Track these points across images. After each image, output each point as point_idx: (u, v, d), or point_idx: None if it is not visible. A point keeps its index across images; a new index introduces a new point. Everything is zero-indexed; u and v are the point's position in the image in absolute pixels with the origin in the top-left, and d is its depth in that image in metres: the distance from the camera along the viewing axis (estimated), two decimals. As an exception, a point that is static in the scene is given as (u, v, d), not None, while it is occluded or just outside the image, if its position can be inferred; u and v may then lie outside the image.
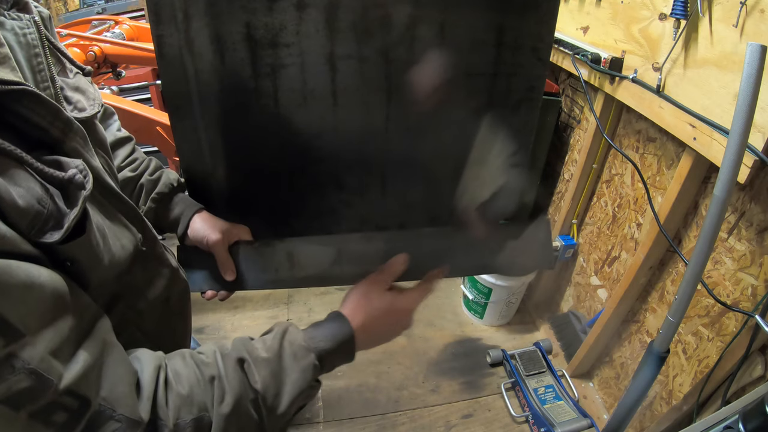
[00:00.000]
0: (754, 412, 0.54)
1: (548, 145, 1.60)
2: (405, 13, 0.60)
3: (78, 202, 0.36)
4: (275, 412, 0.47)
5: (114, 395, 0.37)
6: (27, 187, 0.33)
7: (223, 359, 0.47)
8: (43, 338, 0.32)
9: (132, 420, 0.38)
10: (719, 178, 0.70)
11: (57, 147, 0.39)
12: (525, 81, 0.68)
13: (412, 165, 0.73)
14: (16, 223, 0.32)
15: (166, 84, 0.61)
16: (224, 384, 0.45)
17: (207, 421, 0.43)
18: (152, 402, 0.40)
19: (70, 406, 0.34)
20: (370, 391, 1.58)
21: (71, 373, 0.34)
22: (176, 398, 0.42)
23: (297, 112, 0.65)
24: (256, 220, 0.75)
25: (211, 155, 0.67)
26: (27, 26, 0.41)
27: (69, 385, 0.34)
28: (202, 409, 0.43)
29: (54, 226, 0.35)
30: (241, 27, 0.58)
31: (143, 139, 1.48)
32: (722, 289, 1.01)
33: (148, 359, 0.43)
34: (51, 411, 0.33)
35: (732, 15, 0.84)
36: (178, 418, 0.41)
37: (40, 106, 0.36)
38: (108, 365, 0.38)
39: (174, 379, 0.43)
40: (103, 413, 0.36)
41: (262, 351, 0.49)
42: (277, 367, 0.48)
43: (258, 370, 0.47)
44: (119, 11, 2.57)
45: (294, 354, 0.50)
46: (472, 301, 1.83)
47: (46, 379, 0.32)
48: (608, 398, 1.51)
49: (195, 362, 0.46)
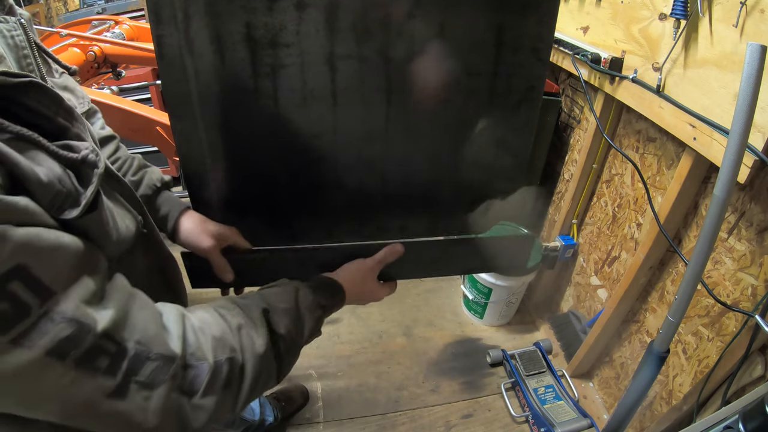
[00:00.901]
0: (754, 412, 0.54)
1: (548, 145, 1.60)
2: (405, 13, 0.60)
3: (93, 179, 0.39)
4: (295, 352, 0.58)
5: (146, 337, 0.40)
6: (48, 167, 0.36)
7: (246, 309, 0.53)
8: (73, 292, 0.36)
9: (167, 356, 0.41)
10: (719, 178, 0.70)
11: (62, 135, 0.40)
12: (525, 81, 0.68)
13: (412, 165, 0.73)
14: (39, 200, 0.35)
15: (166, 84, 0.61)
16: (252, 331, 0.51)
17: (238, 362, 0.48)
18: (183, 340, 0.44)
19: (109, 350, 0.37)
20: (370, 391, 1.58)
21: (105, 318, 0.37)
22: (211, 340, 0.46)
23: (297, 112, 0.65)
24: (256, 220, 0.75)
25: (211, 155, 0.67)
26: (14, 28, 0.43)
27: (105, 329, 0.37)
28: (234, 351, 0.48)
29: (71, 204, 0.37)
30: (241, 27, 0.58)
31: (143, 139, 1.48)
32: (722, 289, 1.01)
33: (170, 307, 0.47)
34: (94, 356, 0.36)
35: (732, 15, 0.84)
36: (216, 357, 0.46)
37: (45, 96, 0.38)
38: (135, 311, 0.41)
39: (204, 325, 0.48)
40: (140, 355, 0.39)
41: (281, 303, 0.57)
42: (296, 316, 0.58)
43: (280, 318, 0.55)
44: (119, 11, 2.58)
45: (308, 307, 0.60)
46: (472, 301, 1.83)
47: (84, 324, 0.35)
48: (608, 398, 1.51)
49: (219, 313, 0.51)
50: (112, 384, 0.37)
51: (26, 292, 0.32)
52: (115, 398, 0.38)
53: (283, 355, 0.55)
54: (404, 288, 2.04)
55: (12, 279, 0.32)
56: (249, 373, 0.49)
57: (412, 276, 0.84)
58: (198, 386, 0.44)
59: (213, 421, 0.46)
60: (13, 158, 0.33)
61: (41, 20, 3.00)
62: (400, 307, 1.93)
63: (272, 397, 1.46)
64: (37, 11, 3.00)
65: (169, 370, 0.41)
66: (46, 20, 3.03)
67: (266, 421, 1.34)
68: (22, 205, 0.33)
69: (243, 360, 0.49)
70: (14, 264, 0.32)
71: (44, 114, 0.38)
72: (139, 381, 0.39)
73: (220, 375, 0.46)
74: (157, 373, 0.40)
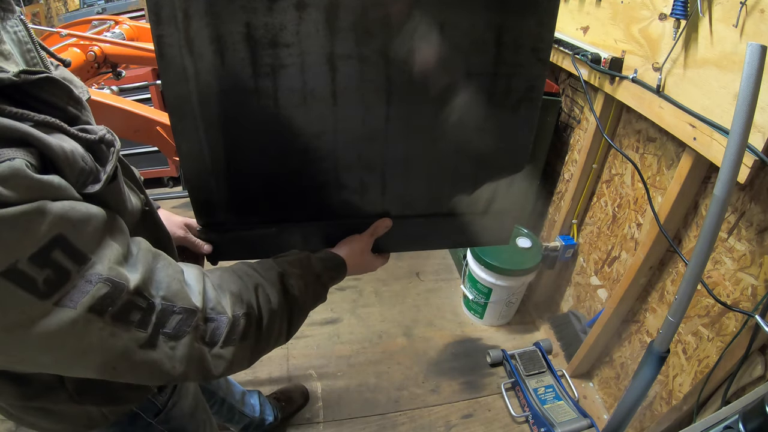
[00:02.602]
0: (754, 412, 0.54)
1: (548, 145, 1.60)
2: (405, 13, 0.60)
3: (111, 156, 0.43)
4: (304, 312, 0.62)
5: (170, 293, 0.45)
6: (73, 146, 0.39)
7: (264, 272, 0.58)
8: (105, 255, 0.39)
9: (189, 309, 0.45)
10: (719, 178, 0.70)
11: (73, 123, 0.43)
12: (525, 81, 0.68)
13: (412, 165, 0.73)
14: (67, 177, 0.38)
15: (166, 84, 0.61)
16: (268, 290, 0.56)
17: (254, 317, 0.53)
18: (204, 296, 0.48)
19: (141, 305, 0.41)
20: (370, 391, 1.58)
21: (135, 276, 0.41)
22: (229, 296, 0.51)
23: (297, 112, 0.65)
24: (255, 221, 0.75)
25: (211, 155, 0.67)
26: (16, 24, 0.45)
27: (137, 286, 0.41)
28: (251, 306, 0.53)
29: (93, 180, 0.41)
30: (241, 27, 0.58)
31: (143, 139, 1.48)
32: (722, 289, 1.01)
33: (191, 266, 0.51)
34: (128, 310, 0.40)
35: (732, 15, 0.84)
36: (235, 312, 0.50)
37: (58, 89, 0.41)
38: (160, 270, 0.46)
39: (223, 282, 0.53)
40: (166, 309, 0.44)
41: (295, 269, 0.62)
42: (307, 281, 0.63)
43: (295, 282, 0.60)
44: (119, 11, 2.57)
45: (317, 275, 0.65)
46: (472, 301, 1.83)
47: (118, 283, 0.39)
48: (608, 398, 1.51)
49: (237, 274, 0.56)
50: (144, 335, 0.42)
51: (66, 259, 0.36)
52: (147, 348, 0.42)
53: (294, 316, 0.59)
54: (404, 288, 2.04)
55: (54, 248, 0.35)
56: (264, 328, 0.54)
57: (403, 249, 0.90)
58: (218, 337, 0.48)
59: (231, 371, 0.50)
60: (46, 140, 0.36)
61: (41, 20, 2.99)
62: (400, 307, 1.93)
63: (272, 397, 1.46)
64: (37, 11, 3.00)
65: (192, 322, 0.45)
66: (46, 20, 3.02)
67: (266, 421, 1.34)
68: (56, 183, 0.36)
69: (259, 315, 0.53)
70: (55, 234, 0.35)
71: (57, 105, 0.41)
72: (166, 332, 0.43)
73: (237, 328, 0.50)
74: (182, 325, 0.44)
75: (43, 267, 0.34)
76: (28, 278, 0.34)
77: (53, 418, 0.59)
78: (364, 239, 0.76)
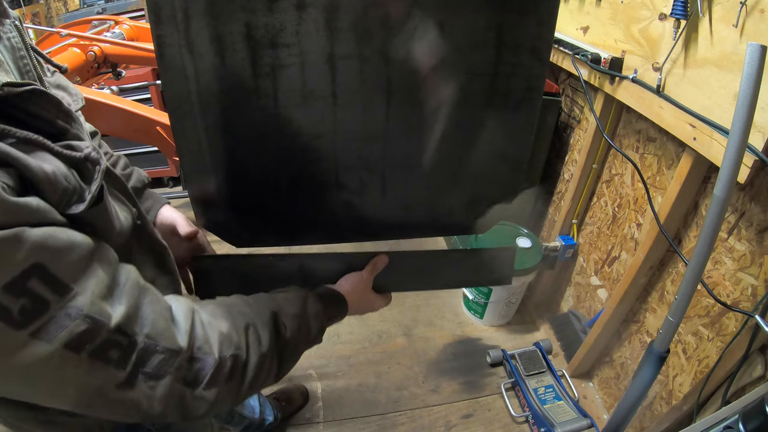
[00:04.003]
0: (754, 412, 0.54)
1: (548, 145, 1.60)
2: (405, 13, 0.60)
3: (96, 175, 0.41)
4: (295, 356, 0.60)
5: (155, 331, 0.43)
6: (55, 166, 0.38)
7: (257, 309, 0.56)
8: (88, 287, 0.38)
9: (173, 350, 0.44)
10: (719, 178, 0.70)
11: (62, 136, 0.42)
12: (525, 81, 0.68)
13: (412, 165, 0.73)
14: (48, 198, 0.36)
15: (166, 84, 0.61)
16: (259, 331, 0.54)
17: (242, 359, 0.50)
18: (190, 335, 0.46)
19: (121, 343, 0.40)
20: (370, 391, 1.58)
21: (118, 313, 0.40)
22: (219, 335, 0.49)
23: (297, 112, 0.65)
24: (255, 220, 0.75)
25: (211, 155, 0.67)
26: (10, 30, 0.44)
27: (118, 324, 0.39)
28: (238, 348, 0.50)
29: (77, 200, 0.40)
30: (241, 27, 0.58)
31: (143, 139, 1.48)
32: (722, 289, 1.01)
33: (181, 301, 0.50)
34: (106, 348, 0.38)
35: (732, 15, 0.84)
36: (222, 353, 0.48)
37: (46, 101, 0.40)
38: (146, 305, 0.43)
39: (213, 320, 0.50)
40: (149, 348, 0.42)
41: (291, 308, 0.60)
42: (302, 322, 0.61)
43: (289, 323, 0.58)
44: (119, 11, 2.57)
45: (315, 315, 0.63)
46: (472, 301, 1.83)
47: (98, 320, 0.37)
48: (608, 398, 1.51)
49: (229, 311, 0.54)
50: (122, 375, 0.40)
51: (44, 289, 0.35)
52: (124, 387, 0.40)
53: (285, 358, 0.57)
54: (404, 288, 2.04)
55: (30, 276, 0.34)
56: (251, 371, 0.51)
57: (405, 288, 0.89)
58: (202, 378, 0.46)
59: (213, 412, 0.48)
60: (24, 161, 0.34)
61: (41, 20, 2.99)
62: (400, 307, 1.93)
63: (272, 397, 1.46)
64: (37, 11, 3.00)
65: (174, 363, 0.43)
66: (46, 20, 3.02)
67: (266, 421, 1.34)
68: (35, 206, 0.35)
69: (247, 357, 0.51)
70: (32, 263, 0.34)
71: (45, 118, 0.40)
72: (146, 372, 0.42)
73: (223, 369, 0.48)
74: (163, 365, 0.43)
75: (18, 296, 0.33)
76: (1, 307, 0.32)
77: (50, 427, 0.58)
78: (364, 276, 0.75)
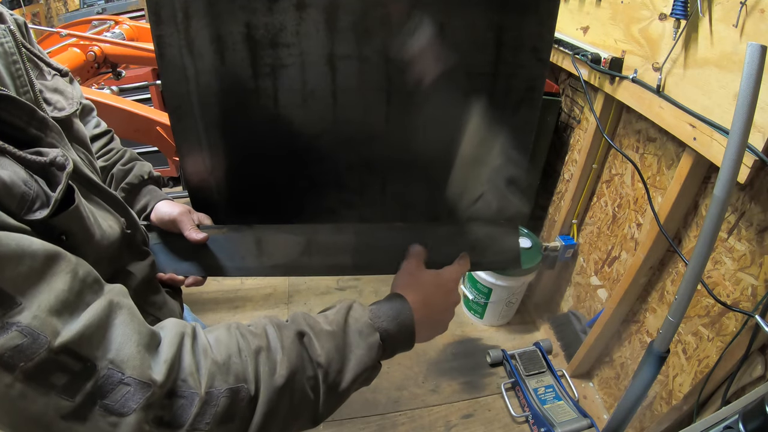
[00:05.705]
0: (754, 412, 0.54)
1: (548, 145, 1.60)
2: (405, 13, 0.60)
3: (62, 179, 0.39)
4: (336, 389, 0.47)
5: (121, 357, 0.36)
6: (12, 170, 0.36)
7: (277, 331, 0.46)
8: (36, 301, 0.33)
9: (141, 382, 0.36)
10: (719, 178, 0.70)
11: (35, 144, 0.41)
12: (525, 81, 0.68)
13: (412, 165, 0.73)
14: (5, 203, 0.34)
15: (166, 84, 0.61)
16: (276, 356, 0.44)
17: (245, 394, 0.41)
18: (171, 365, 0.38)
19: (70, 367, 0.34)
20: (370, 391, 1.58)
21: (69, 331, 0.34)
22: (211, 365, 0.40)
23: (297, 112, 0.65)
24: (255, 220, 0.75)
25: (211, 155, 0.67)
26: (3, 36, 0.44)
27: (65, 343, 0.33)
28: (240, 380, 0.41)
29: (41, 206, 0.37)
30: (241, 27, 0.58)
31: (143, 139, 1.48)
32: (722, 289, 1.01)
33: (172, 325, 0.42)
34: (48, 371, 0.33)
35: (732, 15, 0.84)
36: (212, 387, 0.39)
37: (17, 108, 0.39)
38: (116, 326, 0.37)
39: (212, 347, 0.42)
40: (112, 377, 0.35)
41: (325, 324, 0.48)
42: (341, 341, 0.47)
43: (321, 343, 0.46)
44: (119, 11, 2.58)
45: (359, 330, 0.49)
46: (472, 301, 1.83)
47: (38, 335, 0.32)
48: (608, 398, 1.51)
49: (240, 333, 0.44)
50: (69, 404, 0.34)
51: None
52: (72, 420, 0.34)
53: (322, 391, 0.45)
54: (404, 288, 2.03)
55: None
56: (262, 408, 0.42)
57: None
58: (184, 419, 0.38)
59: None
60: None
61: (41, 20, 3.00)
62: (400, 307, 1.93)
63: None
64: (37, 11, 3.00)
65: (142, 398, 0.36)
66: (46, 20, 3.03)
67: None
68: None
69: (255, 391, 0.42)
70: None
71: (16, 125, 0.40)
72: (107, 405, 0.35)
73: (213, 408, 0.39)
74: (128, 400, 0.35)
75: None
76: None
77: None
78: (414, 264, 0.60)
